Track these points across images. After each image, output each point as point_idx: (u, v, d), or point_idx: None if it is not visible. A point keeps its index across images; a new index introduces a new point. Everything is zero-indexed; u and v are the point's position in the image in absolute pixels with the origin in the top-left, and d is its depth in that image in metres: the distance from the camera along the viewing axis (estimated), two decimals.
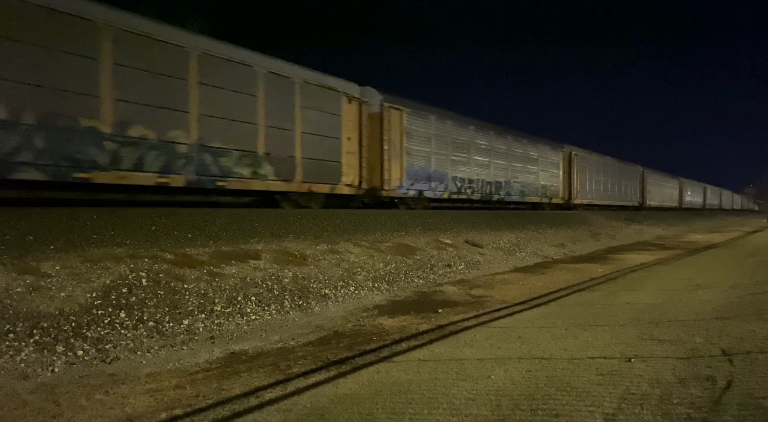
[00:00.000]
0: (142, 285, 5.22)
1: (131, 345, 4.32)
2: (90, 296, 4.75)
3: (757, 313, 5.03)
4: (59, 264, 5.08)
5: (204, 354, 4.27)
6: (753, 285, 6.87)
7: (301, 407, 3.07)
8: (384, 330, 5.11)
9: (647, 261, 11.41)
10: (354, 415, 2.91)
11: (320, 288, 6.61)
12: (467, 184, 15.59)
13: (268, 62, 9.51)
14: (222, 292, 5.66)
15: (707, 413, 2.73)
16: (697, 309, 5.58)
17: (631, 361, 3.72)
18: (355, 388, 3.37)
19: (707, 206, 48.56)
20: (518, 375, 3.51)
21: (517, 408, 2.93)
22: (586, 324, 5.07)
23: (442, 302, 6.59)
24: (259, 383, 3.56)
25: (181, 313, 5.04)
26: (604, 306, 6.04)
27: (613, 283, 8.02)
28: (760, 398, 2.87)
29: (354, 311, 6.03)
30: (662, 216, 29.14)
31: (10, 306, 4.25)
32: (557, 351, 4.10)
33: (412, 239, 10.22)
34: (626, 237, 18.27)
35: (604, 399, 3.01)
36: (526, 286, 7.86)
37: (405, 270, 8.33)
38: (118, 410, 3.11)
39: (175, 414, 3.04)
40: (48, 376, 3.64)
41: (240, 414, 2.99)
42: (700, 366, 3.50)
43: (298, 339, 4.76)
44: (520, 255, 11.64)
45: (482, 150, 16.30)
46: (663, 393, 3.04)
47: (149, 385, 3.53)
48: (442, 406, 2.99)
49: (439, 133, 14.34)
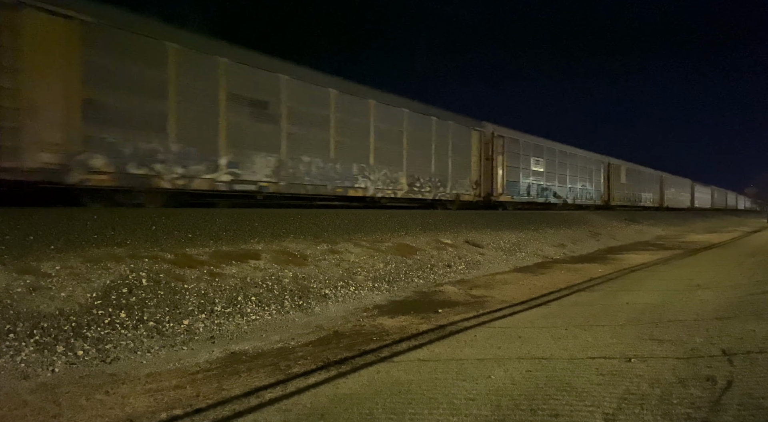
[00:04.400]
0: (142, 285, 5.22)
1: (131, 345, 4.32)
2: (90, 296, 4.75)
3: (757, 313, 5.03)
4: (59, 264, 5.08)
5: (204, 355, 4.27)
6: (753, 285, 6.87)
7: (301, 407, 3.07)
8: (384, 330, 5.11)
9: (647, 261, 11.42)
10: (354, 415, 2.91)
11: (320, 288, 6.61)
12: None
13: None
14: (222, 292, 5.66)
15: (707, 413, 2.73)
16: (697, 309, 5.58)
17: (631, 361, 3.72)
18: (355, 388, 3.37)
19: (714, 206, 49.79)
20: (518, 375, 3.51)
21: (517, 408, 2.93)
22: (586, 324, 5.07)
23: (442, 302, 6.59)
24: (259, 383, 3.56)
25: (181, 313, 5.04)
26: (604, 306, 6.04)
27: (613, 283, 8.03)
28: (760, 398, 2.87)
29: (354, 311, 6.03)
30: (651, 214, 29.03)
31: (10, 306, 4.25)
32: (557, 351, 4.10)
33: (412, 239, 10.22)
34: (626, 238, 18.27)
35: (604, 399, 3.01)
36: (526, 286, 7.86)
37: (405, 270, 8.33)
38: (118, 410, 3.11)
39: (175, 414, 3.04)
40: (48, 376, 3.65)
41: (240, 414, 2.99)
42: (700, 366, 3.50)
43: (298, 339, 4.76)
44: (520, 255, 11.64)
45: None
46: (663, 393, 3.04)
47: (149, 385, 3.53)
48: (442, 406, 2.99)
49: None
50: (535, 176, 19.44)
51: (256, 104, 9.25)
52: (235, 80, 8.90)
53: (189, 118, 8.18)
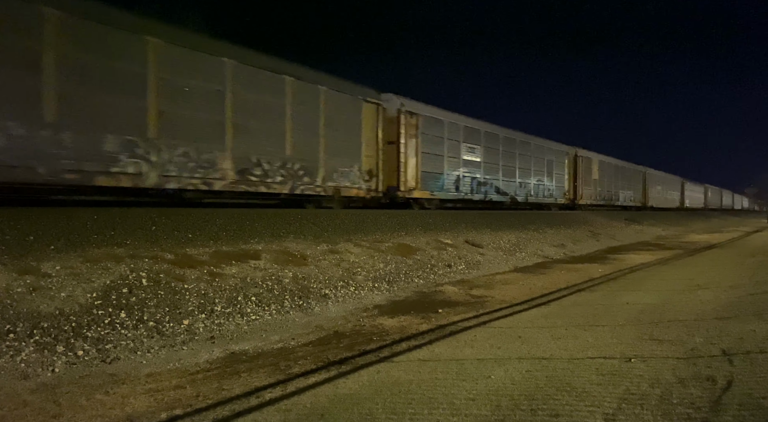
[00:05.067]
0: (142, 285, 5.22)
1: (131, 345, 4.32)
2: (90, 296, 4.75)
3: (757, 313, 5.03)
4: (59, 264, 5.08)
5: (204, 354, 4.27)
6: (753, 286, 6.87)
7: (301, 407, 3.07)
8: (384, 330, 5.11)
9: (647, 261, 11.42)
10: (354, 415, 2.91)
11: (320, 288, 6.61)
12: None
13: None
14: (222, 292, 5.66)
15: (707, 413, 2.73)
16: (697, 309, 5.58)
17: (631, 361, 3.72)
18: (355, 388, 3.37)
19: (708, 206, 48.34)
20: (518, 375, 3.51)
21: (517, 408, 2.93)
22: (586, 324, 5.07)
23: (443, 302, 6.59)
24: (259, 383, 3.56)
25: (181, 313, 5.04)
26: (605, 306, 6.04)
27: (613, 283, 8.03)
28: (760, 398, 2.87)
29: (354, 311, 6.03)
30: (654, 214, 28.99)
31: (10, 306, 4.25)
32: (557, 351, 4.10)
33: (412, 239, 10.22)
34: (626, 238, 18.27)
35: (604, 399, 3.01)
36: (527, 286, 7.86)
37: (405, 270, 8.33)
38: (118, 410, 3.11)
39: (176, 414, 3.04)
40: (48, 376, 3.65)
41: (240, 414, 2.99)
42: (700, 366, 3.50)
43: (298, 339, 4.76)
44: (520, 255, 11.64)
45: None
46: (663, 393, 3.04)
47: (149, 385, 3.53)
48: (443, 406, 2.99)
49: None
50: (469, 167, 15.55)
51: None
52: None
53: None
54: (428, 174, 13.74)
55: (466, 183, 15.45)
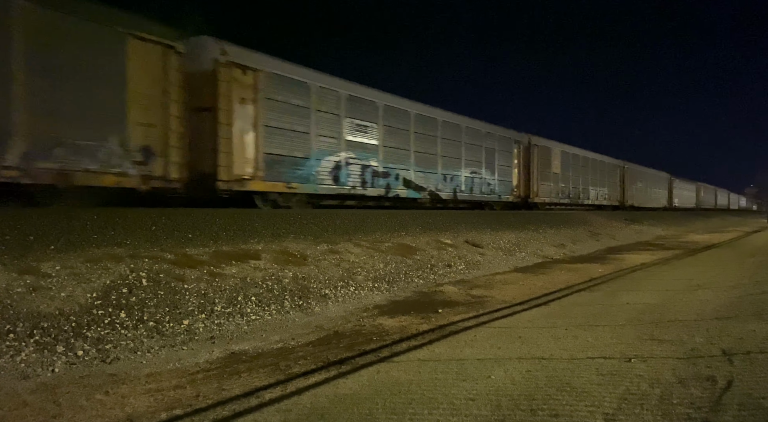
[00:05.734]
0: (142, 285, 5.22)
1: (131, 346, 4.32)
2: (90, 296, 4.75)
3: (757, 313, 5.03)
4: (59, 264, 5.08)
5: (204, 355, 4.27)
6: (753, 286, 6.87)
7: (301, 407, 3.07)
8: (384, 330, 5.11)
9: (647, 261, 11.41)
10: (354, 415, 2.91)
11: (320, 288, 6.61)
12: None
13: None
14: (222, 292, 5.66)
15: (707, 413, 2.73)
16: (697, 309, 5.58)
17: (631, 361, 3.72)
18: (355, 388, 3.37)
19: (701, 205, 46.98)
20: (518, 375, 3.51)
21: (517, 408, 2.93)
22: (586, 324, 5.07)
23: (442, 302, 6.59)
24: (259, 383, 3.56)
25: (181, 313, 5.04)
26: (604, 306, 6.04)
27: (613, 283, 8.03)
28: (760, 398, 2.87)
29: (354, 311, 6.03)
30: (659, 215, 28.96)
31: (10, 306, 4.25)
32: (557, 351, 4.10)
33: (412, 239, 10.21)
34: (626, 238, 18.27)
35: (604, 399, 3.01)
36: (526, 286, 7.86)
37: (405, 270, 8.33)
38: (118, 410, 3.11)
39: (175, 414, 3.04)
40: (48, 376, 3.64)
41: (240, 415, 2.99)
42: (700, 366, 3.50)
43: (298, 340, 4.76)
44: (520, 255, 11.64)
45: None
46: (663, 393, 3.04)
47: (149, 385, 3.53)
48: (442, 406, 2.99)
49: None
50: (358, 151, 11.79)
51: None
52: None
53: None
54: (280, 157, 9.84)
55: (354, 172, 11.68)
